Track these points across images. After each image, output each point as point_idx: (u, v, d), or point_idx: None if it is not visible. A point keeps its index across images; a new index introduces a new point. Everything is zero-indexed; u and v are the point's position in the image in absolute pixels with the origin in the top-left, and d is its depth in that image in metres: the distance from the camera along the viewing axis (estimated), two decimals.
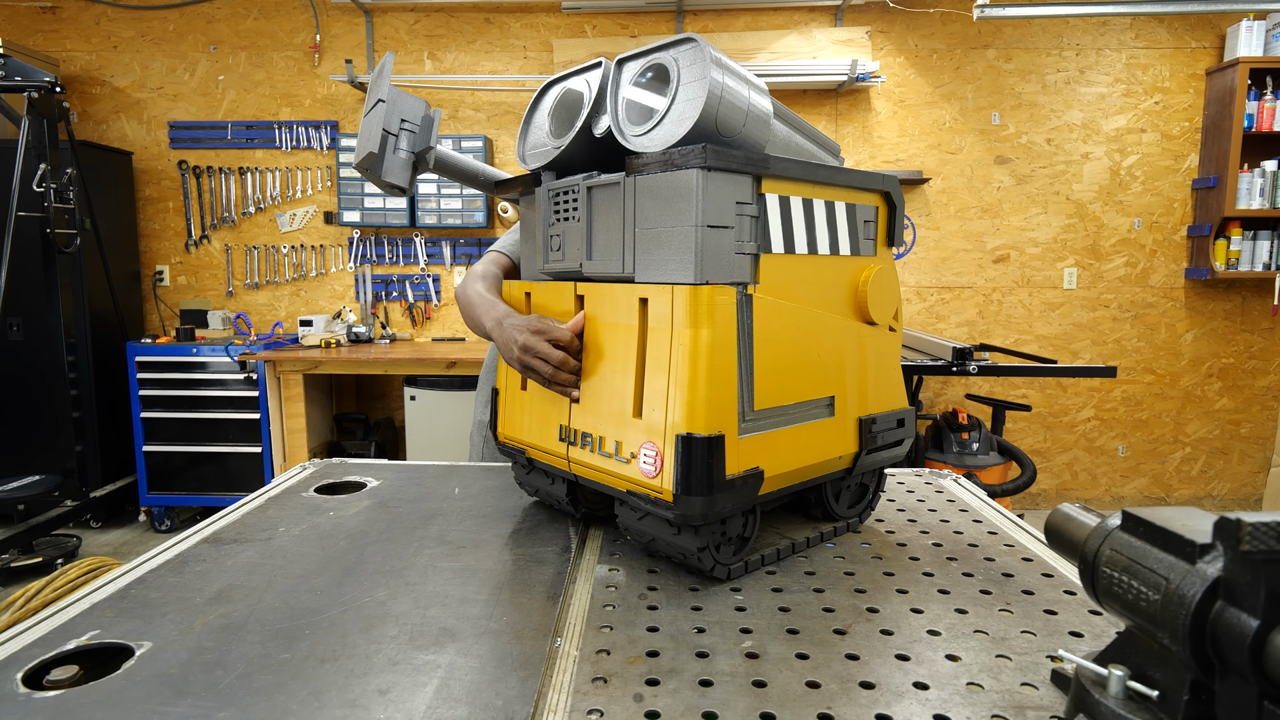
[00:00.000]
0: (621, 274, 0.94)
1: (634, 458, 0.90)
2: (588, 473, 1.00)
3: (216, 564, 0.99)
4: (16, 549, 3.43)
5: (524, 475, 1.22)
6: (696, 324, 0.84)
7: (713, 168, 0.84)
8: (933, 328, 4.46)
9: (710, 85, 0.85)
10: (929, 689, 0.70)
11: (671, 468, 0.85)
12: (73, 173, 3.68)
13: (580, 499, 1.14)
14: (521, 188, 1.15)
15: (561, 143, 1.04)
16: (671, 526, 0.92)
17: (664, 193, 0.87)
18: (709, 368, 0.84)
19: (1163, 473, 4.51)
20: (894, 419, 1.10)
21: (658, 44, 0.95)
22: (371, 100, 1.16)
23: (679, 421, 0.85)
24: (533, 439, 1.11)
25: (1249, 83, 3.96)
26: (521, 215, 1.20)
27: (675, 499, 0.85)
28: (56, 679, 0.69)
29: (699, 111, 0.86)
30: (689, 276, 0.85)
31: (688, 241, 0.85)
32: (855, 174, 1.02)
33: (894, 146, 4.34)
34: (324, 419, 4.23)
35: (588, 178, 0.99)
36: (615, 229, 0.95)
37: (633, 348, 0.92)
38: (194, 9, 4.35)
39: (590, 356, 1.00)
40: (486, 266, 1.49)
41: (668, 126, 0.90)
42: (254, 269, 4.51)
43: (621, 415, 0.93)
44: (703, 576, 0.96)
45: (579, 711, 0.67)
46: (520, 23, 4.32)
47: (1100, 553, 0.59)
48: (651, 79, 0.97)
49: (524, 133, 1.16)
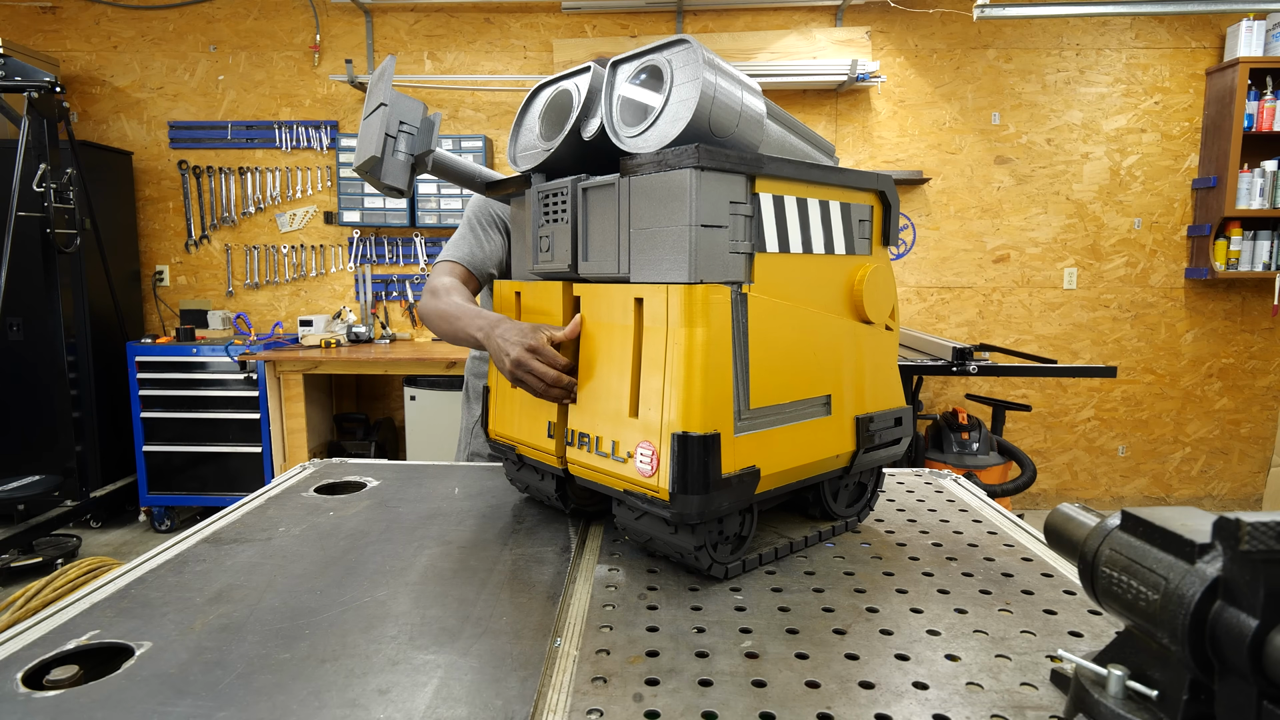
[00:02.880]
0: (617, 274, 0.95)
1: (630, 457, 0.90)
2: (585, 472, 1.00)
3: (216, 564, 0.99)
4: (16, 549, 3.43)
5: (514, 472, 1.23)
6: (691, 323, 0.85)
7: (706, 167, 0.84)
8: (933, 328, 4.46)
9: (703, 86, 0.86)
10: (929, 689, 0.70)
11: (668, 466, 0.85)
12: (73, 173, 3.68)
13: (569, 495, 1.15)
14: (513, 189, 1.16)
15: (551, 145, 1.05)
16: (669, 525, 0.92)
17: (658, 193, 0.88)
18: (704, 366, 0.85)
19: (1163, 473, 4.51)
20: (891, 418, 1.10)
21: (651, 45, 0.95)
22: (372, 103, 1.16)
23: (674, 420, 0.85)
24: (523, 436, 1.12)
25: (1249, 83, 3.96)
26: (512, 216, 1.21)
27: (672, 497, 0.85)
28: (56, 679, 0.69)
29: (692, 112, 0.86)
30: (683, 276, 0.85)
31: (682, 241, 0.85)
32: (850, 173, 1.03)
33: (894, 146, 4.34)
34: (324, 419, 4.23)
35: (578, 179, 0.99)
36: (610, 230, 0.95)
37: (628, 348, 0.92)
38: (194, 9, 4.35)
39: (586, 357, 1.00)
40: (447, 279, 1.49)
41: (661, 127, 0.91)
42: (254, 269, 4.51)
43: (618, 415, 0.93)
44: (701, 576, 0.96)
45: (579, 711, 0.67)
46: (520, 23, 4.32)
47: (1100, 552, 0.59)
48: (646, 80, 0.97)
49: (515, 135, 1.17)
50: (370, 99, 1.18)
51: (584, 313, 1.00)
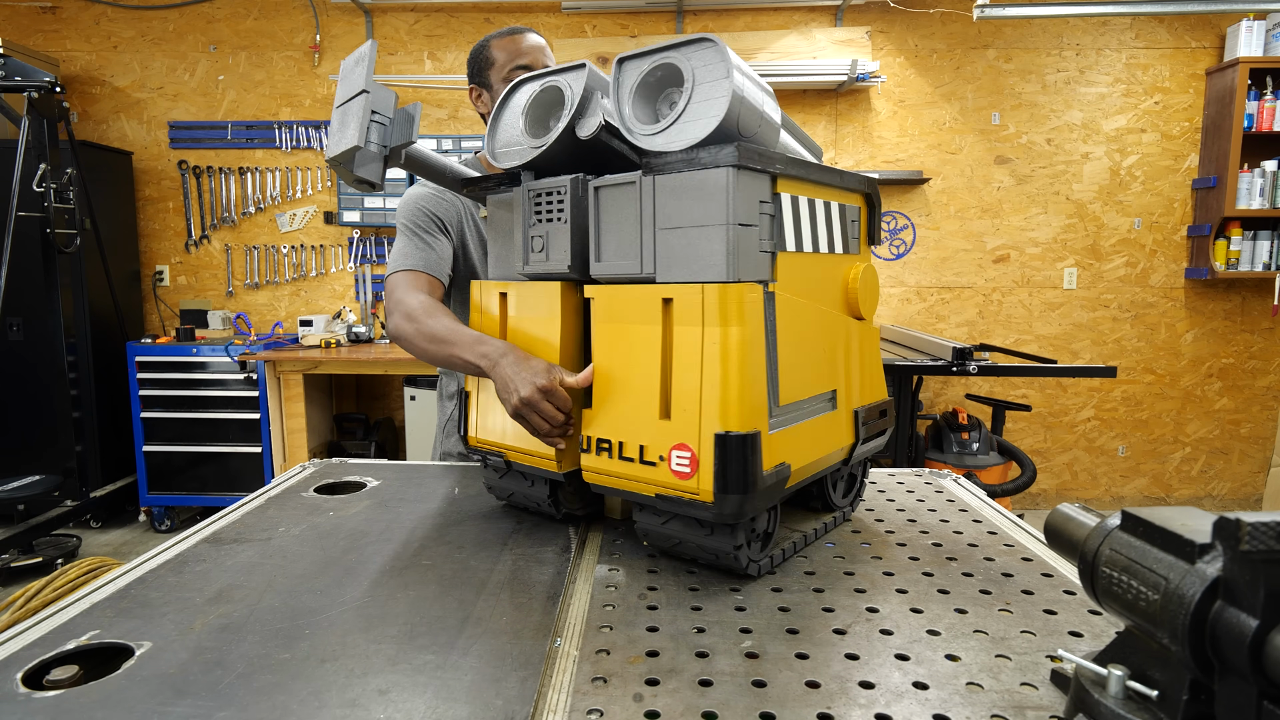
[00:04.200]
0: (639, 274, 0.93)
1: (663, 460, 0.89)
2: (604, 479, 0.98)
3: (216, 564, 0.99)
4: (16, 549, 3.43)
5: (496, 480, 1.20)
6: (729, 321, 0.85)
7: (743, 167, 0.84)
8: (933, 328, 4.46)
9: (734, 86, 0.86)
10: (929, 689, 0.70)
11: (710, 467, 0.85)
12: (73, 173, 3.68)
13: (561, 500, 1.13)
14: (494, 186, 1.11)
15: (543, 142, 1.02)
16: (704, 528, 0.92)
17: (690, 191, 0.87)
18: (742, 365, 0.85)
19: (1163, 473, 4.51)
20: (878, 409, 1.14)
21: (667, 44, 0.94)
22: (349, 90, 1.09)
23: (716, 420, 0.85)
24: (513, 443, 1.10)
25: (1249, 83, 3.96)
26: (490, 214, 1.16)
27: (715, 498, 0.85)
28: (56, 679, 0.69)
29: (724, 112, 0.86)
30: (722, 275, 0.85)
31: (720, 240, 0.85)
32: (845, 175, 1.06)
33: (894, 146, 4.34)
34: (324, 419, 4.23)
35: (579, 178, 0.98)
36: (629, 229, 0.94)
37: (653, 349, 0.91)
38: (194, 9, 4.36)
39: (601, 361, 0.98)
40: (421, 297, 1.44)
41: (686, 126, 0.89)
42: (254, 269, 4.51)
43: (645, 418, 0.92)
44: (701, 577, 0.97)
45: (579, 711, 0.67)
46: (520, 23, 4.32)
47: (1100, 552, 0.59)
48: (662, 78, 0.96)
49: (493, 130, 1.12)
50: (345, 85, 1.10)
51: (596, 315, 0.98)
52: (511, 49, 1.64)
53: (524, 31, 1.67)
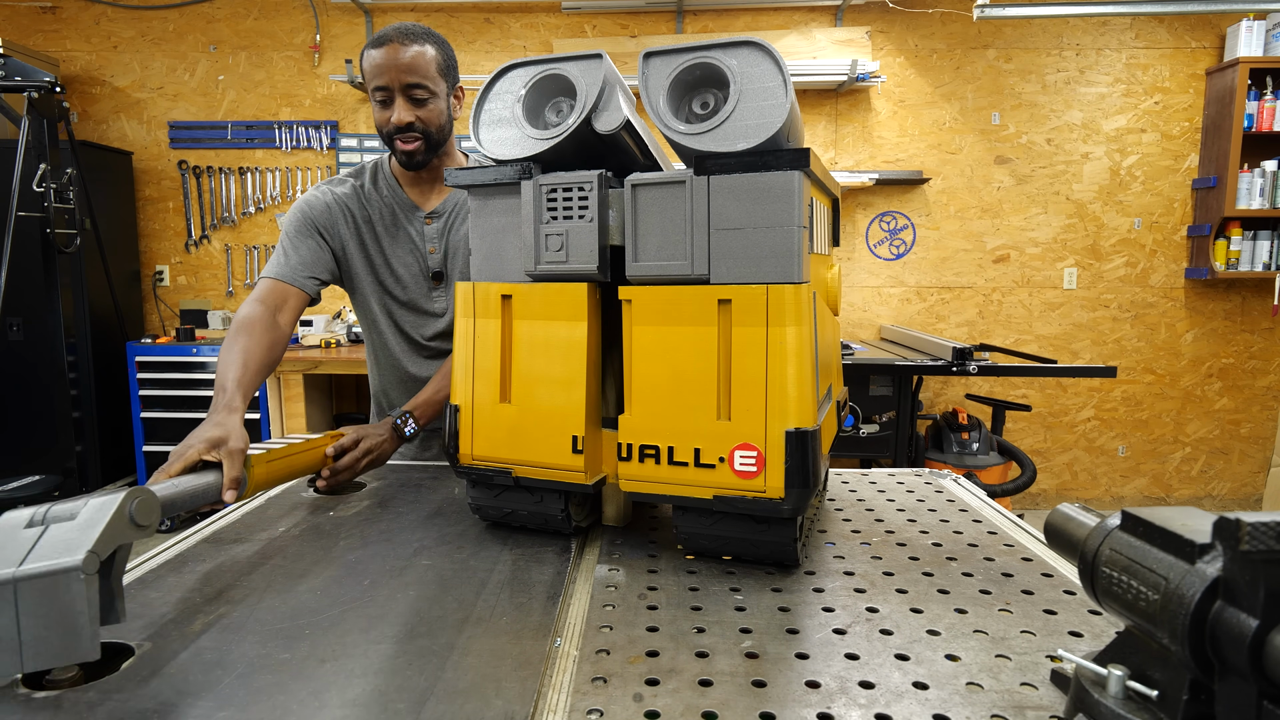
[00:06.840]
0: (690, 275, 0.91)
1: (723, 462, 0.89)
2: (646, 486, 0.95)
3: (216, 564, 0.99)
4: None
5: (492, 499, 1.09)
6: (798, 321, 0.88)
7: (807, 170, 0.87)
8: (933, 328, 4.46)
9: (791, 92, 0.88)
10: (929, 689, 0.70)
11: (779, 464, 0.87)
12: (73, 173, 3.68)
13: (572, 514, 1.07)
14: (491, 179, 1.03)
15: (556, 134, 0.98)
16: (760, 524, 0.94)
17: (751, 193, 0.88)
18: (803, 362, 0.88)
19: (1163, 473, 4.51)
20: (844, 398, 1.25)
21: (705, 43, 0.92)
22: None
23: (788, 417, 0.87)
24: (528, 456, 1.02)
25: (1249, 83, 3.96)
26: (475, 209, 1.06)
27: (786, 493, 0.88)
28: (56, 679, 0.69)
29: (785, 117, 0.87)
30: (789, 276, 0.87)
31: (788, 241, 0.87)
32: (828, 177, 1.10)
33: (894, 146, 4.34)
34: (324, 419, 4.23)
35: (603, 175, 0.95)
36: (677, 229, 0.92)
37: (708, 351, 0.90)
38: (194, 9, 4.36)
39: (641, 366, 0.94)
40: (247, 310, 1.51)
41: (739, 127, 0.89)
42: (254, 269, 4.51)
43: (700, 421, 0.91)
44: (701, 577, 0.97)
45: (579, 711, 0.67)
46: (520, 23, 4.32)
47: (1100, 552, 0.59)
48: (698, 78, 0.94)
49: (477, 117, 1.05)
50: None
51: (636, 317, 0.95)
52: (370, 67, 1.48)
53: (389, 43, 1.44)
